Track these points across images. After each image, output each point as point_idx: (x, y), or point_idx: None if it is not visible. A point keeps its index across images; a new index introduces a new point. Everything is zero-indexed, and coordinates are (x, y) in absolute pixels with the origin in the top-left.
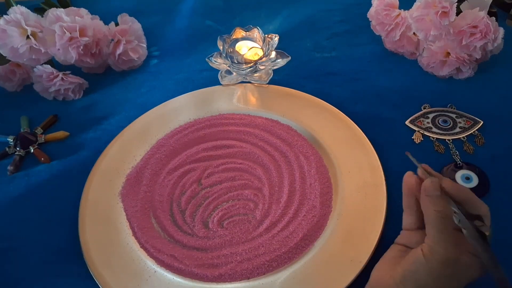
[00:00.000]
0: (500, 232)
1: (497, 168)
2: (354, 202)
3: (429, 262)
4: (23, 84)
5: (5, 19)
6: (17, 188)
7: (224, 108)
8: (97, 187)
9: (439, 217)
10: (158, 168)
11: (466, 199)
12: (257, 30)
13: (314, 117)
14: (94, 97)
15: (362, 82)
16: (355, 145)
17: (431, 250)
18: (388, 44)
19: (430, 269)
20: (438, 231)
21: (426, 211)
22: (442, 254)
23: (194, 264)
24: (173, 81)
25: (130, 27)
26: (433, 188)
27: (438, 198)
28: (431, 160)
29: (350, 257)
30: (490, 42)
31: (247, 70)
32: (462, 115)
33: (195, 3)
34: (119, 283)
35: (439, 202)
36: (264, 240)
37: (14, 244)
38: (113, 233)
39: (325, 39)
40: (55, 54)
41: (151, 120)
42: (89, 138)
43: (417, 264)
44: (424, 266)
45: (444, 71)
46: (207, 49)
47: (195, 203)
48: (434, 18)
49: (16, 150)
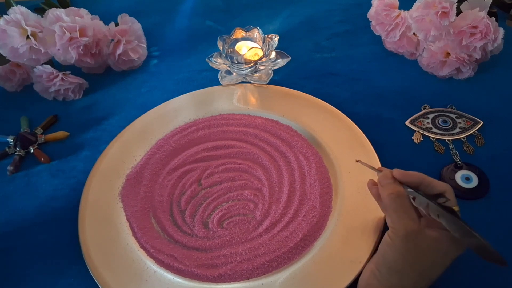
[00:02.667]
0: (500, 232)
1: (497, 168)
2: (354, 202)
3: (393, 241)
4: (23, 84)
5: (5, 19)
6: (17, 188)
7: (224, 108)
8: (97, 187)
9: (392, 198)
10: (158, 168)
11: (420, 182)
12: (257, 30)
13: (314, 117)
14: (94, 97)
15: (362, 82)
16: (355, 145)
17: (392, 230)
18: (388, 45)
19: (395, 247)
20: (394, 210)
21: (382, 199)
22: (402, 230)
23: (194, 264)
24: (173, 81)
25: (130, 27)
26: (384, 178)
27: (390, 184)
28: (431, 160)
29: (350, 257)
30: (490, 42)
31: (247, 70)
32: (462, 116)
33: (195, 3)
34: (119, 283)
35: (391, 187)
36: (264, 241)
37: (14, 244)
38: (113, 233)
39: (325, 39)
40: (55, 54)
41: (151, 120)
42: (89, 138)
43: (384, 246)
44: (390, 245)
45: (444, 71)
46: (207, 49)
47: (195, 203)
48: (434, 18)
49: (16, 150)
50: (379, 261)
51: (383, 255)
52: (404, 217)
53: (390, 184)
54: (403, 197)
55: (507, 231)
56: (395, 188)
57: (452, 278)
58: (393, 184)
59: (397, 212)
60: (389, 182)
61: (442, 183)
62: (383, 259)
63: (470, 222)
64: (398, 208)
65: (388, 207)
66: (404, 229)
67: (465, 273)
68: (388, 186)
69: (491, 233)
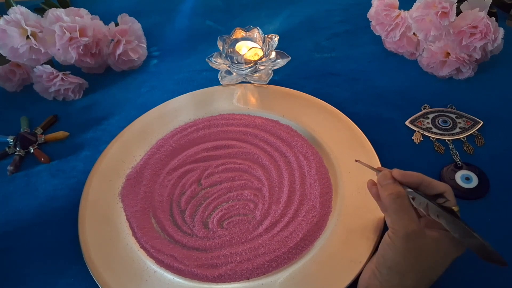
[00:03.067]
0: (500, 232)
1: (497, 168)
2: (354, 202)
3: (393, 241)
4: (23, 84)
5: (5, 19)
6: (17, 188)
7: (224, 108)
8: (97, 187)
9: (392, 198)
10: (158, 168)
11: (419, 182)
12: (257, 30)
13: (314, 117)
14: (94, 97)
15: (362, 82)
16: (355, 145)
17: (392, 230)
18: (388, 44)
19: (395, 247)
20: (394, 211)
21: (382, 199)
22: (402, 230)
23: (194, 264)
24: (173, 81)
25: (130, 27)
26: (384, 178)
27: (390, 184)
28: (431, 160)
29: (350, 257)
30: (490, 42)
31: (247, 70)
32: (462, 116)
33: (195, 3)
34: (119, 283)
35: (390, 187)
36: (264, 241)
37: (14, 244)
38: (113, 233)
39: (325, 39)
40: (55, 54)
41: (151, 120)
42: (89, 138)
43: (384, 246)
44: (390, 246)
45: (444, 71)
46: (207, 49)
47: (195, 203)
48: (434, 19)
49: (16, 150)
50: (379, 262)
51: (383, 256)
52: (404, 218)
53: (389, 184)
54: (403, 197)
55: (507, 231)
56: (395, 188)
57: (452, 278)
58: (392, 185)
59: (397, 213)
60: (388, 183)
61: (441, 184)
62: (383, 260)
63: (470, 222)
64: (398, 208)
65: (388, 207)
66: (404, 230)
67: (465, 273)
68: (388, 186)
69: (491, 233)
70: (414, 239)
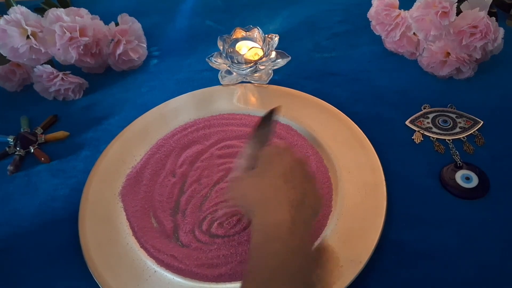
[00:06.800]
0: (500, 232)
1: (497, 168)
2: (354, 202)
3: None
4: (23, 84)
5: (5, 19)
6: (17, 188)
7: (224, 108)
8: (97, 187)
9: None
10: (158, 168)
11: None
12: (257, 30)
13: (314, 117)
14: (94, 97)
15: (362, 82)
16: (355, 145)
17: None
18: (388, 44)
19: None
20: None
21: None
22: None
23: (194, 264)
24: (173, 81)
25: (130, 27)
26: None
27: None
28: (431, 160)
29: (350, 257)
30: (490, 42)
31: (247, 70)
32: (462, 115)
33: (195, 3)
34: (119, 283)
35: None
36: None
37: (14, 244)
38: (113, 233)
39: (325, 39)
40: (55, 54)
41: (151, 120)
42: (89, 138)
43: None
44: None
45: (444, 71)
46: (207, 49)
47: (195, 203)
48: (434, 18)
49: (16, 150)
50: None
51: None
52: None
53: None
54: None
55: (507, 231)
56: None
57: (452, 277)
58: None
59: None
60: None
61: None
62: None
63: (470, 222)
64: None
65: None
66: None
67: (465, 272)
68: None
69: (491, 233)
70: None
